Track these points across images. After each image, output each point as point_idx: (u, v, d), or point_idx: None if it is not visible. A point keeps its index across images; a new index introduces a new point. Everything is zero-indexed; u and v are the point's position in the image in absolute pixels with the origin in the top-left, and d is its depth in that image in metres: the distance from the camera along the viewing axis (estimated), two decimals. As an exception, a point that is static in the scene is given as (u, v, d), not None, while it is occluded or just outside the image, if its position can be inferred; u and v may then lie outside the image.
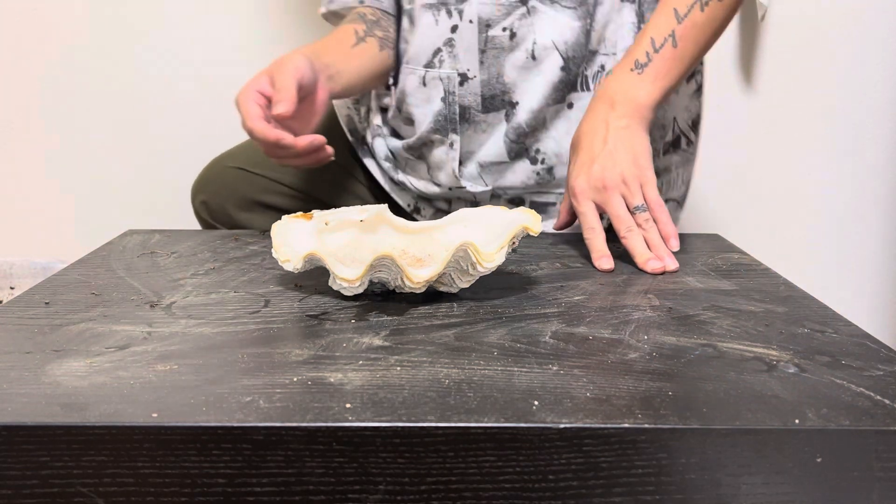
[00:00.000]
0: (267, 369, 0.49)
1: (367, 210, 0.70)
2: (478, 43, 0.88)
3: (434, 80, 0.90)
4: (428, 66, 0.90)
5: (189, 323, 0.58)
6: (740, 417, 0.44)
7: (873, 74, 1.32)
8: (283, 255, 0.66)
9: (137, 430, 0.42)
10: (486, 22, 0.87)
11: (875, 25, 1.31)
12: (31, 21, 1.29)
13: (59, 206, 1.34)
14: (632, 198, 0.77)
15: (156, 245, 0.83)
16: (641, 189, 0.77)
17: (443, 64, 0.89)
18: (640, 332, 0.57)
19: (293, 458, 0.43)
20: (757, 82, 1.33)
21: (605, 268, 0.75)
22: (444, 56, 0.89)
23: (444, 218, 0.71)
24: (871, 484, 0.44)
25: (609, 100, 0.81)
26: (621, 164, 0.78)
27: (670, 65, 0.81)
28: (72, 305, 0.62)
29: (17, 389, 0.46)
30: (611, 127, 0.79)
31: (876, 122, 1.34)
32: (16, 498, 0.43)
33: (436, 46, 0.89)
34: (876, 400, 0.47)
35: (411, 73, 0.92)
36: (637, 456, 0.43)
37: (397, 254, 0.67)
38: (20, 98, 1.32)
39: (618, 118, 0.80)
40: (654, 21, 0.83)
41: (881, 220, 1.38)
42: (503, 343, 0.55)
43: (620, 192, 0.77)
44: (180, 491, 0.43)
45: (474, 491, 0.43)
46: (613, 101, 0.80)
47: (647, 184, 0.78)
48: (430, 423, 0.43)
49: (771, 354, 0.54)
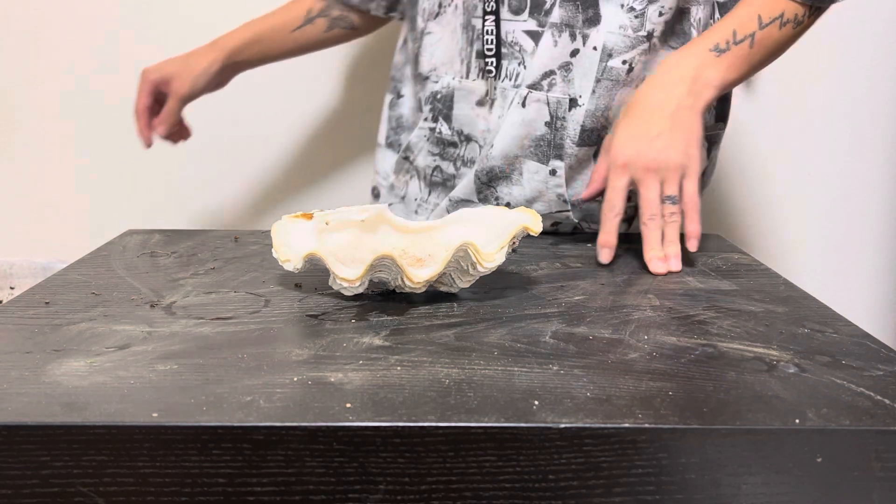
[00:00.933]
0: (267, 369, 0.49)
1: (367, 210, 0.70)
2: (596, 71, 0.85)
3: (537, 102, 0.86)
4: (534, 87, 0.86)
5: (189, 323, 0.58)
6: (740, 417, 0.44)
7: (873, 74, 1.32)
8: (283, 255, 0.66)
9: (137, 430, 0.42)
10: (609, 52, 0.85)
11: (875, 25, 1.30)
12: (32, 21, 1.29)
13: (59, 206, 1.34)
14: (669, 185, 0.75)
15: (156, 245, 0.83)
16: (681, 180, 0.76)
17: (553, 87, 0.85)
18: (640, 332, 0.57)
19: (293, 458, 0.43)
20: (757, 82, 1.33)
21: (603, 259, 0.75)
22: (556, 80, 0.85)
23: (444, 218, 0.71)
24: (871, 484, 0.44)
25: (681, 75, 0.79)
26: (675, 147, 0.76)
27: (741, 63, 0.81)
28: (72, 305, 0.62)
29: (17, 389, 0.46)
30: (678, 104, 0.77)
31: (876, 122, 1.34)
32: (16, 498, 0.43)
33: (548, 69, 0.85)
34: (876, 400, 0.47)
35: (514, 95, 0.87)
36: (637, 456, 0.43)
37: (397, 254, 0.67)
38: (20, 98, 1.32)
39: (686, 95, 0.78)
40: (738, 17, 0.81)
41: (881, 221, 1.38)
42: (503, 343, 0.55)
43: (661, 177, 0.76)
44: (180, 491, 0.43)
45: (474, 491, 0.43)
46: (685, 77, 0.78)
47: (690, 175, 0.76)
48: (431, 423, 0.43)
49: (771, 354, 0.54)
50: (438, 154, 0.92)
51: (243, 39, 1.02)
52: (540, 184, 0.88)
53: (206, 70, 0.99)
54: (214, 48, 1.01)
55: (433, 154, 0.93)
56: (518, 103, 0.86)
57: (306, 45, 1.06)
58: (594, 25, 0.84)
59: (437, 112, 0.91)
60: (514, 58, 0.86)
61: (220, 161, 1.34)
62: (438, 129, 0.91)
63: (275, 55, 1.06)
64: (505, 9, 0.86)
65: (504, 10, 0.86)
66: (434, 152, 0.93)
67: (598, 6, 0.84)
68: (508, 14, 0.86)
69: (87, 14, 1.30)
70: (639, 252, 0.82)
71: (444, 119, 0.91)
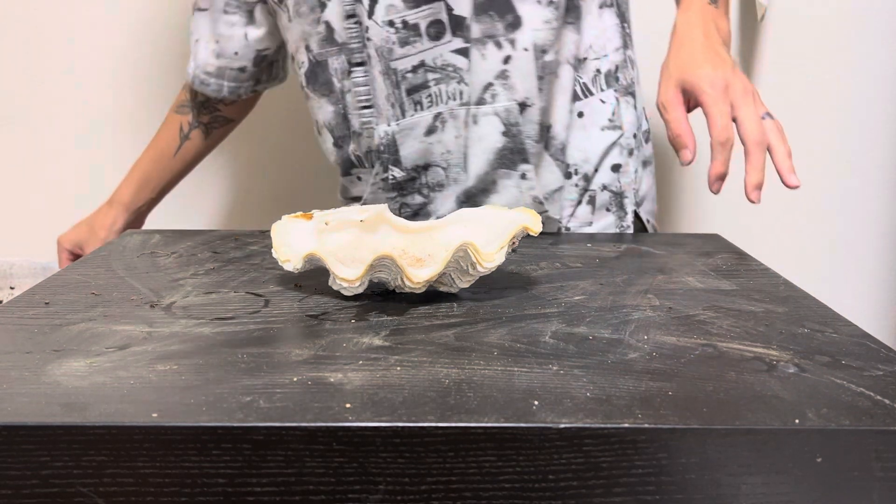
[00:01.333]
0: (267, 369, 0.49)
1: (367, 210, 0.70)
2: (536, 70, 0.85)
3: (486, 115, 0.86)
4: (479, 103, 0.86)
5: (189, 323, 0.58)
6: (740, 417, 0.44)
7: (873, 74, 1.32)
8: (283, 255, 0.66)
9: (137, 430, 0.42)
10: (542, 48, 0.85)
11: (875, 25, 1.30)
12: (32, 21, 1.29)
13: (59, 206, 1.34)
14: (760, 106, 0.78)
15: (156, 245, 0.83)
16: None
17: (496, 98, 0.85)
18: (640, 332, 0.57)
19: (293, 458, 0.43)
20: (757, 82, 1.33)
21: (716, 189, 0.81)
22: (496, 89, 0.85)
23: (444, 218, 0.71)
24: (871, 484, 0.44)
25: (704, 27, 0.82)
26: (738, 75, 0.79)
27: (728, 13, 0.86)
28: (72, 305, 0.62)
29: (17, 389, 0.46)
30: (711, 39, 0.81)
31: (876, 122, 1.34)
32: (16, 498, 0.43)
33: (486, 82, 0.85)
34: (876, 400, 0.47)
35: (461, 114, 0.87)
36: (637, 456, 0.43)
37: (397, 254, 0.67)
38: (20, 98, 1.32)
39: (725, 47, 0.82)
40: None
41: (881, 221, 1.38)
42: (503, 343, 0.55)
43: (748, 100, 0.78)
44: (180, 491, 0.43)
45: (474, 491, 0.43)
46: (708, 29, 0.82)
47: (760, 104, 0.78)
48: (430, 423, 0.43)
49: (771, 354, 0.54)
50: (398, 195, 0.91)
51: (134, 187, 1.08)
52: (514, 190, 0.89)
53: (111, 229, 1.06)
54: (112, 207, 1.07)
55: (392, 198, 0.91)
56: (471, 123, 0.86)
57: (196, 157, 1.11)
58: (517, 28, 0.84)
59: (385, 162, 0.89)
60: (451, 78, 0.85)
61: (221, 161, 1.34)
62: (391, 176, 0.90)
63: (172, 181, 1.11)
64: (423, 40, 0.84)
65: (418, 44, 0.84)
66: (392, 196, 0.91)
67: (515, 9, 0.83)
68: (428, 42, 0.84)
69: (88, 14, 1.30)
70: (638, 252, 0.82)
71: (393, 164, 0.89)
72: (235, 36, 0.99)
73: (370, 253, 0.66)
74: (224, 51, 1.00)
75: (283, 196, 1.37)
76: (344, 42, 0.87)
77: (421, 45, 0.84)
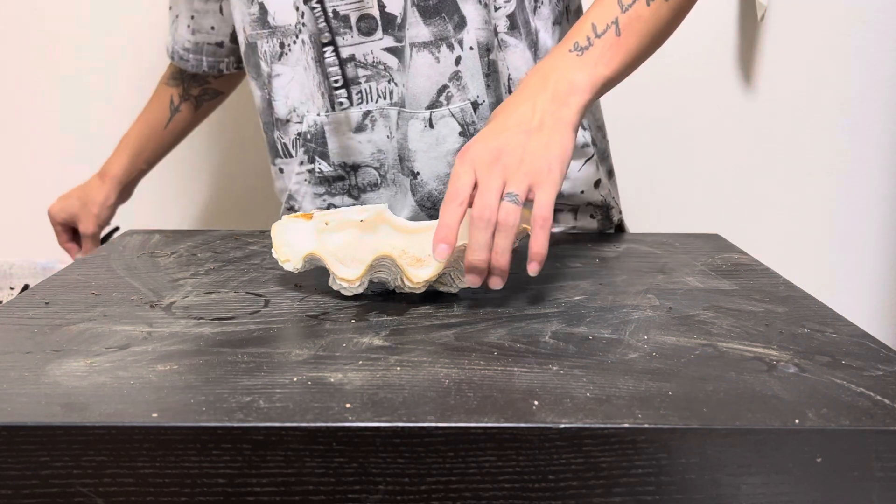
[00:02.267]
0: (267, 369, 0.49)
1: (367, 210, 0.70)
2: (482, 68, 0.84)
3: (444, 118, 0.84)
4: (433, 106, 0.85)
5: (189, 323, 0.58)
6: (740, 417, 0.44)
7: (873, 74, 1.32)
8: (283, 255, 0.66)
9: (137, 430, 0.42)
10: (486, 46, 0.83)
11: (875, 25, 1.30)
12: (32, 22, 1.29)
13: (59, 206, 1.34)
14: (512, 185, 0.63)
15: (156, 245, 0.83)
16: (531, 189, 0.63)
17: (451, 100, 0.84)
18: (640, 332, 0.57)
19: (293, 458, 0.43)
20: (756, 82, 1.33)
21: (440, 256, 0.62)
22: (451, 91, 0.84)
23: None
24: (871, 484, 0.44)
25: (543, 78, 0.70)
26: (528, 148, 0.65)
27: (613, 52, 0.71)
28: (72, 305, 0.62)
29: (17, 389, 0.46)
30: (538, 109, 0.68)
31: (876, 122, 1.34)
32: (16, 498, 0.43)
33: (441, 84, 0.83)
34: (876, 400, 0.47)
35: (412, 117, 0.84)
36: (637, 456, 0.43)
37: (397, 254, 0.67)
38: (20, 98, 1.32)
39: (548, 101, 0.68)
40: (595, 9, 0.74)
41: (881, 220, 1.38)
42: (503, 343, 0.55)
43: (504, 177, 0.63)
44: (180, 491, 0.43)
45: (474, 491, 0.43)
46: (546, 81, 0.69)
47: (542, 186, 0.63)
48: (430, 423, 0.43)
49: (771, 354, 0.54)
50: (326, 193, 0.90)
51: (126, 161, 1.08)
52: None
53: (103, 205, 1.07)
54: (104, 182, 1.08)
55: (319, 195, 0.90)
56: (425, 126, 0.84)
57: (186, 129, 1.11)
58: (463, 28, 0.83)
59: (311, 152, 0.88)
60: (381, 77, 0.84)
61: (221, 161, 1.34)
62: (318, 169, 0.88)
63: (163, 153, 1.12)
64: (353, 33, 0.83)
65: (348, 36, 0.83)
66: (319, 193, 0.90)
67: (460, 9, 0.82)
68: (359, 37, 0.83)
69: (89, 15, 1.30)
70: (638, 252, 0.82)
71: (320, 157, 0.88)
72: (210, 10, 0.99)
73: (370, 253, 0.66)
74: (200, 26, 1.00)
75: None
76: (277, 25, 0.85)
77: (351, 39, 0.83)
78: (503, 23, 0.84)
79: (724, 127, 1.34)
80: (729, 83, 1.33)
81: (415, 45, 0.83)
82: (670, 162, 1.35)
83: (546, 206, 0.63)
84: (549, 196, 0.63)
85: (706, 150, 1.35)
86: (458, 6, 0.82)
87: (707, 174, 1.36)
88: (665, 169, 1.36)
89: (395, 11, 0.82)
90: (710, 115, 1.33)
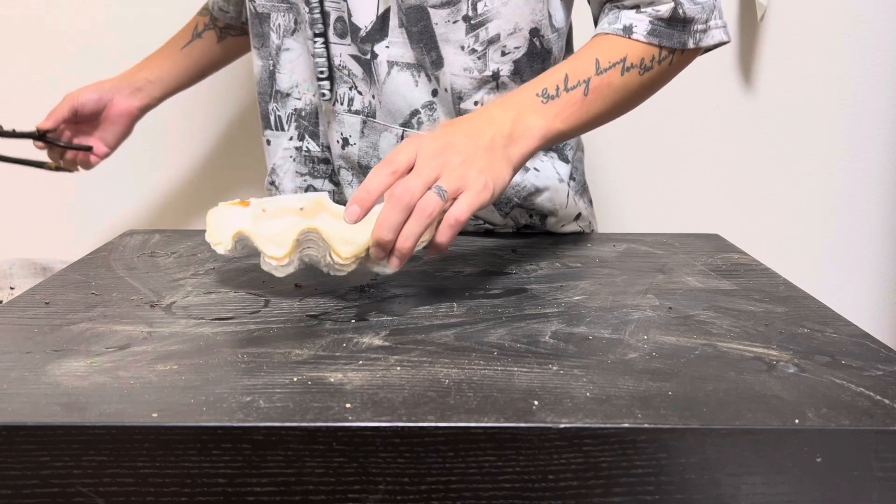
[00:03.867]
0: (267, 369, 0.49)
1: (306, 198, 0.69)
2: (454, 113, 0.83)
3: None
4: (405, 125, 0.84)
5: (189, 323, 0.58)
6: (740, 417, 0.44)
7: (873, 74, 1.32)
8: (216, 238, 0.65)
9: (137, 430, 0.42)
10: (459, 94, 0.82)
11: (875, 25, 1.30)
12: (32, 22, 1.29)
13: (60, 206, 1.34)
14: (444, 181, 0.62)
15: (156, 245, 0.83)
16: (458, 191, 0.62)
17: (421, 126, 0.84)
18: (640, 332, 0.57)
19: (293, 458, 0.43)
20: (756, 82, 1.33)
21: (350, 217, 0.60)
22: (422, 118, 0.84)
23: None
24: (871, 484, 0.44)
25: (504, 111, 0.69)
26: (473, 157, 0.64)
27: (575, 110, 0.71)
28: (72, 305, 0.62)
29: (17, 389, 0.46)
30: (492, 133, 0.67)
31: (876, 122, 1.34)
32: (16, 498, 0.43)
33: (414, 108, 0.83)
34: (876, 400, 0.47)
35: (385, 130, 0.84)
36: (637, 456, 0.43)
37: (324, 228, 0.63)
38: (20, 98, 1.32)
39: (502, 134, 0.67)
40: (574, 61, 0.73)
41: (881, 220, 1.38)
42: (503, 343, 0.55)
43: (440, 172, 0.62)
44: (180, 491, 0.43)
45: (474, 491, 0.43)
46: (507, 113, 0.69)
47: (470, 192, 0.62)
48: (430, 423, 0.43)
49: (771, 354, 0.54)
50: (308, 173, 0.90)
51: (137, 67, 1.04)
52: None
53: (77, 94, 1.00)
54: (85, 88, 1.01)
55: (301, 174, 0.90)
56: (397, 140, 0.84)
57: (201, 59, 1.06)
58: (439, 68, 0.82)
59: (302, 129, 0.89)
60: (343, 82, 0.84)
61: (221, 161, 1.34)
62: (306, 147, 0.89)
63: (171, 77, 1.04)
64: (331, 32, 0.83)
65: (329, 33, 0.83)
66: (302, 172, 0.90)
67: (439, 48, 0.81)
68: (333, 37, 0.83)
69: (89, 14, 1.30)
70: (638, 252, 0.82)
71: (310, 136, 0.89)
72: None
73: None
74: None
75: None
76: (295, 1, 0.85)
77: (331, 37, 0.84)
78: (507, 67, 0.82)
79: (724, 127, 1.34)
80: (729, 83, 1.33)
81: (397, 64, 0.82)
82: (670, 162, 1.35)
83: (465, 210, 0.61)
84: (472, 204, 0.62)
85: (706, 150, 1.35)
86: (438, 45, 0.81)
87: (707, 174, 1.36)
88: (665, 169, 1.35)
89: (360, 24, 0.82)
90: (710, 115, 1.33)
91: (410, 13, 0.80)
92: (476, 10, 0.79)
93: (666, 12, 0.74)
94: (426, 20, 0.80)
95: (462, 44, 0.80)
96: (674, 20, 0.75)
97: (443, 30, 0.80)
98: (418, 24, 0.80)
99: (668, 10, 0.74)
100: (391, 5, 0.81)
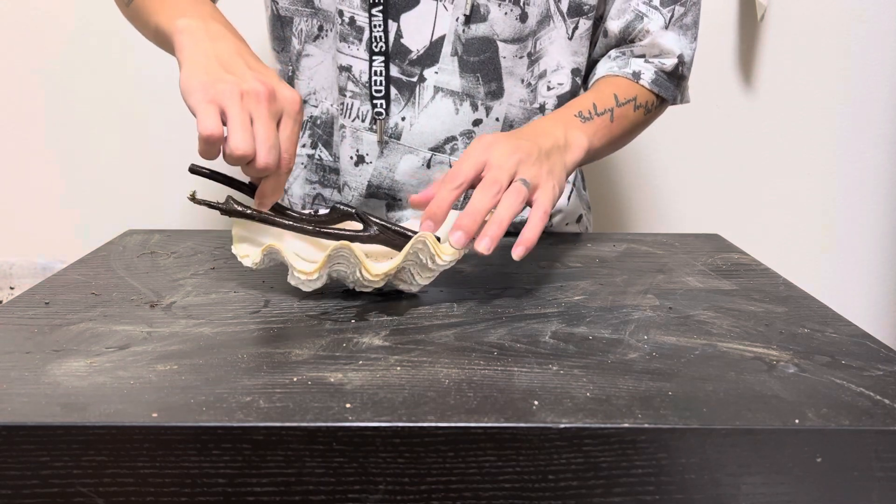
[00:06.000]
0: (267, 369, 0.50)
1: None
2: None
3: (441, 164, 0.85)
4: (436, 150, 0.84)
5: (189, 323, 0.58)
6: (740, 417, 0.44)
7: (873, 74, 1.32)
8: (243, 251, 0.65)
9: (137, 430, 0.42)
10: (511, 123, 0.85)
11: (875, 25, 1.31)
12: (31, 22, 1.29)
13: (59, 206, 1.34)
14: (524, 173, 0.65)
15: (156, 245, 0.83)
16: (535, 189, 0.65)
17: (455, 152, 0.84)
18: (640, 332, 0.57)
19: (293, 458, 0.43)
20: (756, 82, 1.33)
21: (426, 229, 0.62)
22: (458, 145, 0.84)
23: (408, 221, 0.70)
24: (871, 484, 0.44)
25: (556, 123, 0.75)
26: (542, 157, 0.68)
27: (605, 132, 0.79)
28: (72, 305, 0.62)
29: (17, 389, 0.46)
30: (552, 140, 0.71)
31: (876, 122, 1.34)
32: (16, 498, 0.43)
33: (451, 134, 0.84)
34: (876, 400, 0.47)
35: (409, 152, 0.84)
36: (637, 456, 0.43)
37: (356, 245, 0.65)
38: (20, 98, 1.32)
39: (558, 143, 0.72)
40: (596, 94, 0.81)
41: (881, 221, 1.38)
42: (503, 343, 0.55)
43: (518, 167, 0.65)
44: (180, 491, 0.43)
45: (474, 491, 0.43)
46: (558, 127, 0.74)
47: (545, 190, 0.66)
48: (430, 423, 0.43)
49: (771, 354, 0.54)
50: (318, 181, 0.90)
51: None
52: None
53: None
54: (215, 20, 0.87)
55: (311, 182, 0.90)
56: (422, 164, 0.85)
57: None
58: (497, 98, 0.84)
59: (316, 138, 0.88)
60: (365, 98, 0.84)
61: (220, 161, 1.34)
62: (318, 156, 0.89)
63: None
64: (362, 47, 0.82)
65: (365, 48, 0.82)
66: (313, 180, 0.90)
67: (502, 80, 0.84)
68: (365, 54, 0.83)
69: (89, 14, 1.30)
70: (638, 252, 0.82)
71: (323, 145, 0.88)
72: None
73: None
74: None
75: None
76: (321, 8, 0.84)
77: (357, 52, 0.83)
78: (552, 101, 0.87)
79: (724, 127, 1.34)
80: (729, 83, 1.33)
81: (442, 90, 0.83)
82: (670, 162, 1.35)
83: (549, 203, 0.65)
84: (552, 199, 0.66)
85: (706, 150, 1.35)
86: (501, 77, 0.84)
87: (707, 174, 1.36)
88: (665, 169, 1.36)
89: (413, 46, 0.82)
90: (709, 115, 1.33)
91: (473, 44, 0.82)
92: (535, 48, 0.84)
93: (670, 66, 0.84)
94: (492, 52, 0.83)
95: (522, 77, 0.85)
96: (673, 75, 0.85)
97: (510, 63, 0.83)
98: (481, 55, 0.82)
99: (672, 65, 0.84)
100: (447, 33, 0.81)
